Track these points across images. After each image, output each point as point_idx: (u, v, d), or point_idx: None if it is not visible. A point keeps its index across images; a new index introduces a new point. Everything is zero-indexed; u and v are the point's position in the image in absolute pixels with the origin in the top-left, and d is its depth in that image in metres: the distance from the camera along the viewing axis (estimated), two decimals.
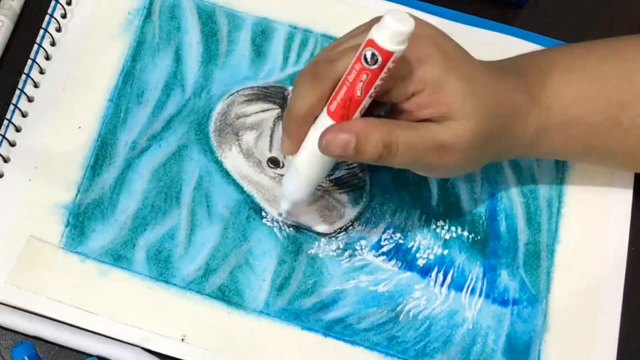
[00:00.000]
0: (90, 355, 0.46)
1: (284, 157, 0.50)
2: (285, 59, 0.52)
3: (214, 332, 0.46)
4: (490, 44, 0.53)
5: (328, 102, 0.40)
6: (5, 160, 0.49)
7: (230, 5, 0.53)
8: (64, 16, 0.52)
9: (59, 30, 0.52)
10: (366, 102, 0.39)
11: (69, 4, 0.52)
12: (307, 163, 0.42)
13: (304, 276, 0.48)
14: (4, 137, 0.49)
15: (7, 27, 0.51)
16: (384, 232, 0.49)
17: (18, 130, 0.50)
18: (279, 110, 0.51)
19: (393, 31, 0.36)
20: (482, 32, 0.53)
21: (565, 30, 0.54)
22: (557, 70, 0.45)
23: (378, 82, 0.38)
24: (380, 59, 0.37)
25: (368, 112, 0.40)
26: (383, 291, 0.48)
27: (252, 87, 0.51)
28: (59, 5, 0.52)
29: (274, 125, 0.51)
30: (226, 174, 0.50)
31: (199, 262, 0.48)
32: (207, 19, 0.53)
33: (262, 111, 0.51)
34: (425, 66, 0.40)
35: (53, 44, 0.51)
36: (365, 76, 0.38)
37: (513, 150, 0.46)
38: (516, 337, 0.47)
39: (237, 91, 0.51)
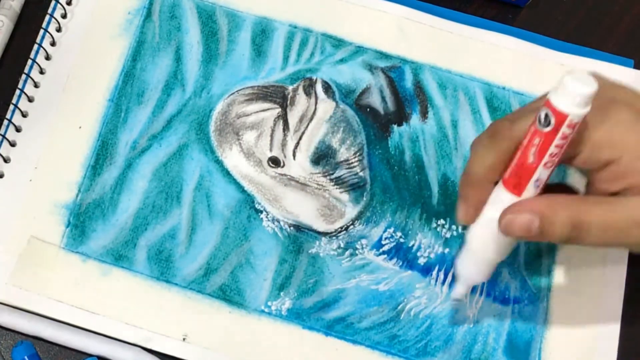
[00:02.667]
0: (90, 355, 0.46)
1: (456, 224, 0.47)
2: (286, 58, 0.52)
3: (215, 331, 0.46)
4: (490, 44, 0.53)
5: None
6: (6, 161, 0.49)
7: (230, 5, 0.53)
8: (64, 16, 0.52)
9: (59, 30, 0.52)
10: (542, 172, 0.36)
11: (69, 3, 0.52)
12: (486, 241, 0.39)
13: (305, 275, 0.48)
14: (4, 137, 0.49)
15: (7, 27, 0.51)
16: (384, 231, 0.49)
17: (18, 130, 0.50)
18: (279, 109, 0.51)
19: (570, 91, 0.33)
20: (482, 32, 0.53)
21: (565, 30, 0.54)
22: None
23: (553, 148, 0.35)
24: (553, 120, 0.34)
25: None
26: (384, 290, 0.48)
27: (252, 87, 0.51)
28: (59, 5, 0.52)
29: (275, 124, 0.51)
30: (227, 174, 0.50)
31: (200, 262, 0.48)
32: (207, 18, 0.53)
33: (263, 110, 0.51)
34: (621, 130, 0.36)
35: (53, 44, 0.51)
36: (537, 139, 0.35)
37: None
38: (517, 335, 0.47)
39: (237, 91, 0.51)
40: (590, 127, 0.36)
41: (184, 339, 0.46)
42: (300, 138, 0.50)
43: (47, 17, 0.52)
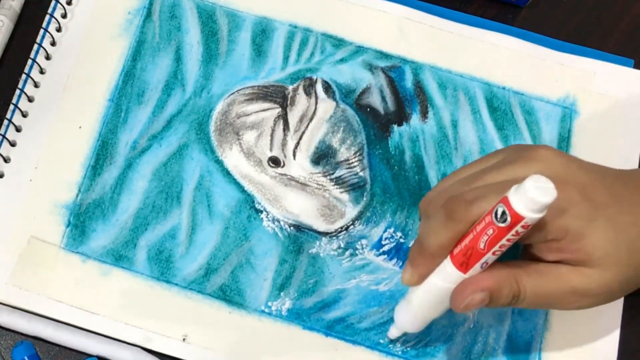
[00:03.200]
0: (90, 355, 0.46)
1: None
2: (286, 58, 0.52)
3: (215, 331, 0.46)
4: (490, 44, 0.53)
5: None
6: (6, 161, 0.49)
7: (230, 5, 0.53)
8: (64, 16, 0.52)
9: (59, 30, 0.52)
10: (490, 258, 0.38)
11: (69, 3, 0.52)
12: (425, 302, 0.41)
13: (305, 276, 0.48)
14: (4, 137, 0.49)
15: (7, 27, 0.51)
16: (384, 231, 0.49)
17: (18, 130, 0.49)
18: (279, 109, 0.51)
19: (530, 198, 0.34)
20: (483, 32, 0.53)
21: (565, 30, 0.54)
22: None
23: (505, 242, 0.36)
24: (509, 220, 0.35)
25: None
26: (384, 290, 0.48)
27: (252, 87, 0.51)
28: (59, 5, 0.52)
29: (275, 124, 0.51)
30: (227, 174, 0.50)
31: (200, 262, 0.48)
32: (208, 18, 0.53)
33: (263, 110, 0.51)
34: (566, 215, 0.38)
35: (53, 43, 0.51)
36: (491, 231, 0.36)
37: None
38: (517, 336, 0.47)
39: (237, 90, 0.51)
40: None
41: (184, 339, 0.46)
42: (300, 138, 0.50)
43: (47, 17, 0.52)
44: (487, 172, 0.41)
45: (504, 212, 0.35)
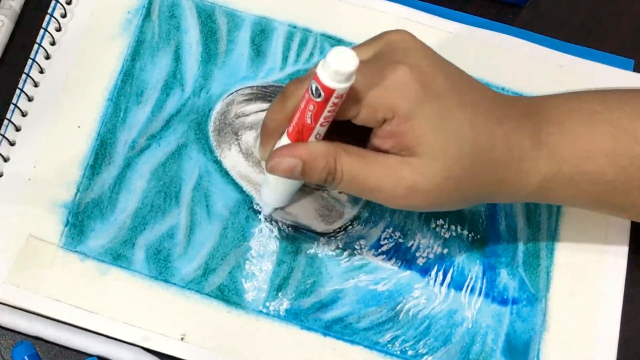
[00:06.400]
0: (90, 355, 0.46)
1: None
2: (285, 58, 0.52)
3: (213, 331, 0.46)
4: (490, 44, 0.53)
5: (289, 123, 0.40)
6: (5, 160, 0.49)
7: (229, 5, 0.53)
8: (63, 16, 0.52)
9: (58, 29, 0.52)
10: (320, 129, 0.39)
11: (68, 3, 0.52)
12: (275, 178, 0.43)
13: (303, 276, 0.48)
14: (3, 136, 0.49)
15: (7, 27, 0.51)
16: (383, 231, 0.49)
17: (18, 129, 0.50)
18: None
19: (333, 70, 0.36)
20: (482, 32, 0.53)
21: (565, 30, 0.54)
22: (581, 120, 0.42)
23: (326, 113, 0.38)
24: (322, 93, 0.37)
25: (346, 130, 0.40)
26: (382, 290, 0.48)
27: (251, 87, 0.51)
28: (58, 4, 0.52)
29: None
30: (225, 174, 0.50)
31: (199, 262, 0.48)
32: (207, 18, 0.53)
33: (262, 111, 0.51)
34: (396, 94, 0.38)
35: (53, 43, 0.51)
36: (312, 107, 0.38)
37: (510, 196, 0.43)
38: (515, 336, 0.47)
39: (236, 90, 0.51)
40: (366, 89, 0.38)
41: (182, 339, 0.46)
42: None
43: (47, 17, 0.52)
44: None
45: (317, 88, 0.37)
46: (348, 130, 0.41)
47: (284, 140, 0.41)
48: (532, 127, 0.41)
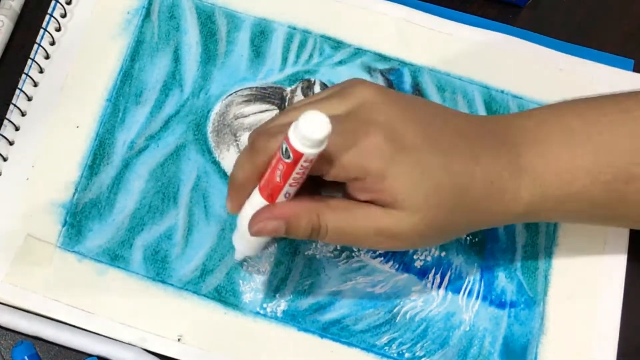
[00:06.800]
0: (90, 355, 0.46)
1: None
2: (284, 59, 0.52)
3: (210, 332, 0.46)
4: (490, 44, 0.53)
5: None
6: (4, 159, 0.49)
7: (229, 6, 0.53)
8: (63, 16, 0.52)
9: (58, 29, 0.52)
10: (289, 189, 0.39)
11: (68, 3, 0.52)
12: (247, 228, 0.42)
13: (301, 277, 0.48)
14: (2, 136, 0.49)
15: (7, 27, 0.51)
16: None
17: (17, 129, 0.50)
18: (277, 111, 0.51)
19: (303, 135, 0.35)
20: (483, 32, 0.53)
21: (565, 30, 0.54)
22: (560, 140, 0.41)
23: (295, 175, 0.37)
24: (292, 156, 0.36)
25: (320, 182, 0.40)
26: (380, 293, 0.48)
27: (250, 88, 0.51)
28: (58, 4, 0.52)
29: None
30: (224, 175, 0.50)
31: (196, 263, 0.48)
32: (206, 19, 0.53)
33: (260, 112, 0.51)
34: (366, 155, 0.38)
35: (52, 43, 0.51)
36: (282, 166, 0.37)
37: (499, 223, 0.44)
38: (513, 339, 0.47)
39: (235, 92, 0.51)
40: (339, 150, 0.38)
41: (179, 340, 0.46)
42: None
43: (47, 17, 0.52)
44: (306, 106, 0.41)
45: (287, 149, 0.36)
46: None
47: (256, 196, 0.40)
48: (511, 155, 0.41)
